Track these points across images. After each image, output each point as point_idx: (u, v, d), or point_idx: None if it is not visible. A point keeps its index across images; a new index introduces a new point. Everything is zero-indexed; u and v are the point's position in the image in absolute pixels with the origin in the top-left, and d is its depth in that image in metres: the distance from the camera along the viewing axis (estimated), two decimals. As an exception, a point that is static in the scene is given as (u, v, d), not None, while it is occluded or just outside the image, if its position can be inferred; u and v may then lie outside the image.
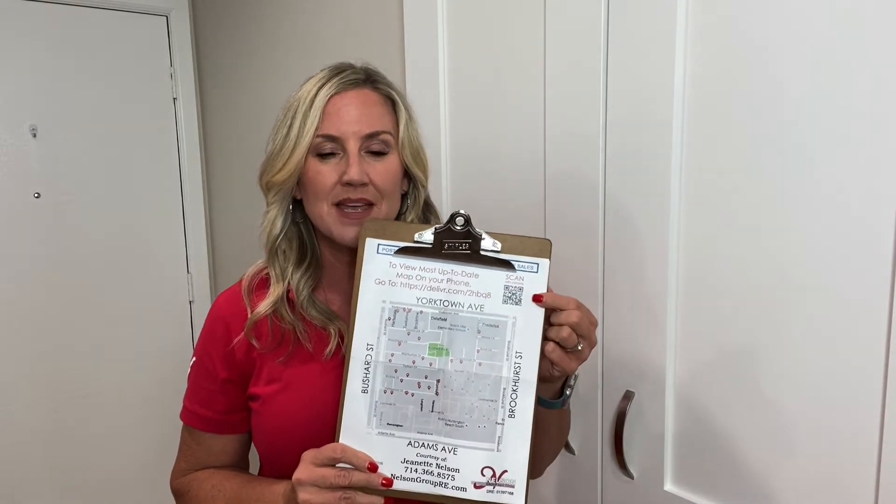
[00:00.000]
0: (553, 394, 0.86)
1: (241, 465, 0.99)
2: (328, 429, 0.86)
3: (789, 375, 0.89)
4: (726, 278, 0.94)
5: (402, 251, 0.80)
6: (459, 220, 0.79)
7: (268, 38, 2.01)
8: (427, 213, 0.95)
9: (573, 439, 1.18)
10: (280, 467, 0.91)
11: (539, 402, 0.81)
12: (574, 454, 1.19)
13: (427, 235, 0.80)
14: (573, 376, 0.87)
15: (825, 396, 0.85)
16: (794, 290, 0.87)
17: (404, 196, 0.94)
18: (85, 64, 2.19)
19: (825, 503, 0.87)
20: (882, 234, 0.78)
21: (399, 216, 0.93)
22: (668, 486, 1.06)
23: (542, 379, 0.80)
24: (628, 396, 1.08)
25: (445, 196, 1.38)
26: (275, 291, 0.90)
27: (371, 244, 0.81)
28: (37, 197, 2.14)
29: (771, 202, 0.88)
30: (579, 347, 0.79)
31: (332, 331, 0.90)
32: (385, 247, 0.80)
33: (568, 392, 0.86)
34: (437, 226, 0.80)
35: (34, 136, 2.12)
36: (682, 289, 1.00)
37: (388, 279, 0.80)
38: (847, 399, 0.83)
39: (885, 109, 0.77)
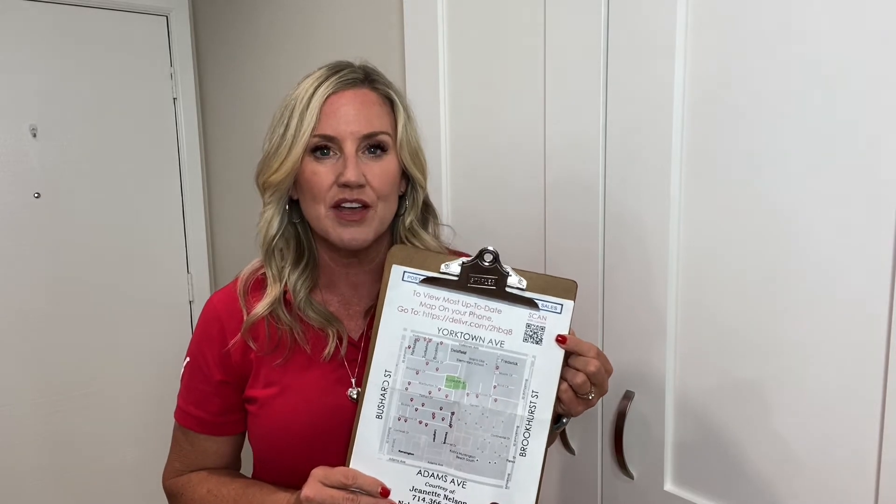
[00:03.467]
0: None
1: (234, 465, 0.99)
2: (325, 431, 0.86)
3: (789, 376, 0.89)
4: (726, 278, 0.94)
5: (428, 281, 0.80)
6: (488, 256, 0.79)
7: (268, 38, 2.01)
8: (426, 214, 0.94)
9: (573, 439, 1.18)
10: (275, 469, 0.90)
11: None
12: (574, 454, 1.19)
13: (454, 267, 0.80)
14: None
15: (825, 396, 0.85)
16: (794, 290, 0.87)
17: (402, 197, 0.92)
18: (85, 64, 2.18)
19: (825, 502, 0.87)
20: (882, 235, 0.78)
21: (397, 217, 0.92)
22: (668, 486, 1.06)
23: None
24: (628, 396, 1.08)
25: (445, 197, 1.38)
26: (272, 292, 0.89)
27: (397, 271, 0.81)
28: (37, 197, 2.14)
29: (771, 202, 0.88)
30: (591, 397, 0.79)
31: (330, 332, 0.88)
32: (411, 275, 0.81)
33: (565, 420, 0.86)
34: (465, 259, 0.80)
35: (34, 136, 2.12)
36: (682, 289, 1.00)
37: (411, 307, 0.80)
38: (847, 399, 0.83)
39: (886, 110, 0.77)
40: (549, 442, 0.99)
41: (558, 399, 0.79)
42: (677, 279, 1.00)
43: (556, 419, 0.85)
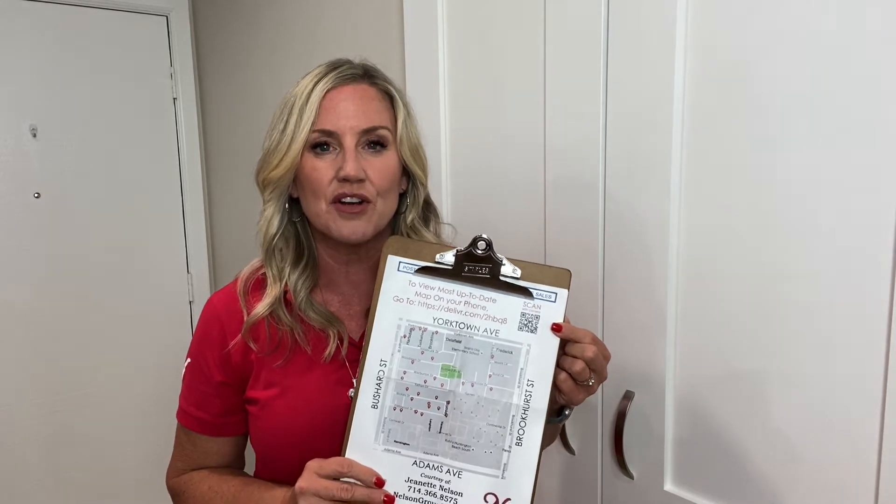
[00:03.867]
0: (551, 412, 0.85)
1: (236, 465, 0.99)
2: (327, 432, 0.85)
3: (789, 375, 0.89)
4: (726, 278, 0.94)
5: (423, 270, 0.80)
6: (481, 244, 0.79)
7: (268, 38, 2.01)
8: (427, 212, 0.94)
9: (573, 439, 1.18)
10: (277, 469, 0.90)
11: None
12: (574, 454, 1.18)
13: (448, 257, 0.80)
14: None
15: (825, 396, 0.85)
16: (794, 290, 0.87)
17: (403, 195, 0.92)
18: (85, 64, 2.18)
19: (825, 502, 0.87)
20: (882, 235, 0.78)
21: (398, 215, 0.92)
22: (668, 486, 1.05)
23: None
24: (628, 396, 1.07)
25: (445, 195, 1.38)
26: (272, 292, 0.88)
27: (392, 261, 0.81)
28: (37, 197, 2.14)
29: (771, 202, 0.88)
30: (591, 383, 0.79)
31: (330, 333, 0.88)
32: (406, 265, 0.81)
33: (567, 412, 0.85)
34: (459, 248, 0.80)
35: (34, 136, 2.12)
36: (683, 289, 1.00)
37: (406, 297, 0.80)
38: (848, 397, 0.83)
39: (885, 110, 0.76)
40: (552, 436, 0.99)
41: (559, 389, 0.78)
42: (677, 277, 1.00)
43: (559, 411, 0.85)
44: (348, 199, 0.83)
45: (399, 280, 0.80)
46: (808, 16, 0.82)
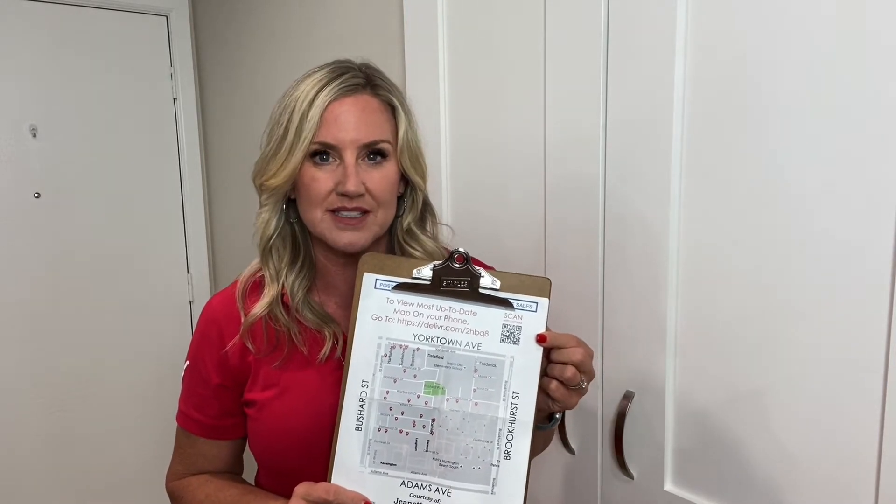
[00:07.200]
0: (542, 418, 0.86)
1: (235, 469, 0.99)
2: (326, 434, 0.85)
3: (789, 376, 0.89)
4: (726, 278, 0.94)
5: (400, 287, 0.79)
6: (458, 258, 0.79)
7: (268, 38, 2.01)
8: (425, 213, 0.94)
9: (573, 439, 1.18)
10: (277, 472, 0.90)
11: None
12: (574, 454, 1.19)
13: (425, 272, 0.79)
14: None
15: (825, 396, 0.85)
16: (794, 290, 0.87)
17: (401, 198, 0.91)
18: (85, 64, 2.18)
19: (826, 501, 0.87)
20: (882, 234, 0.78)
21: (396, 219, 0.91)
22: (668, 486, 1.05)
23: (538, 410, 0.79)
24: (628, 396, 1.08)
25: (445, 197, 1.38)
26: (269, 292, 0.88)
27: (369, 279, 0.80)
28: (37, 197, 2.14)
29: (771, 202, 0.88)
30: (583, 385, 0.78)
31: (326, 333, 0.88)
32: (383, 282, 0.80)
33: (558, 416, 0.85)
34: (436, 262, 0.79)
35: (34, 136, 2.12)
36: (682, 289, 1.00)
37: (385, 315, 0.79)
38: (847, 398, 0.83)
39: (886, 110, 0.76)
40: (546, 441, 0.99)
41: (552, 398, 0.78)
42: (677, 279, 1.00)
43: (550, 416, 0.85)
44: (347, 213, 0.83)
45: (377, 298, 0.79)
46: (808, 16, 0.82)
